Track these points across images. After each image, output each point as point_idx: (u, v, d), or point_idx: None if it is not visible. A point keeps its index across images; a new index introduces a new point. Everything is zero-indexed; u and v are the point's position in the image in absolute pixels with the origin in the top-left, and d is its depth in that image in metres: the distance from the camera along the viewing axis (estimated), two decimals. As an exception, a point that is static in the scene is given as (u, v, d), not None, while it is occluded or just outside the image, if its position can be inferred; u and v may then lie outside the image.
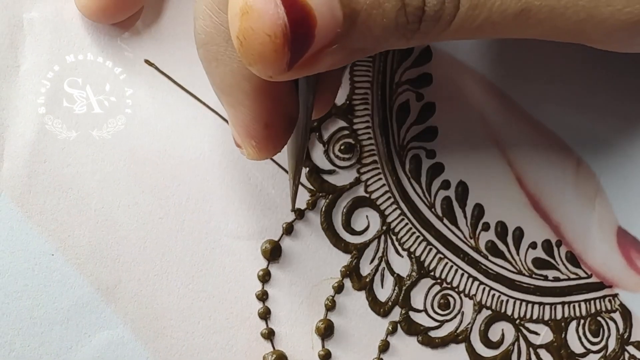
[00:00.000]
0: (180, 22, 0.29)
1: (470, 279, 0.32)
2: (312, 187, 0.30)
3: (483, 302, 0.32)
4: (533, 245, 0.32)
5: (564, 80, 0.32)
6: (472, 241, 0.32)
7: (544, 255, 0.33)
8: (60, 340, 0.27)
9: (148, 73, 0.29)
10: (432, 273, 0.31)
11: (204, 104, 0.29)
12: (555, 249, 0.33)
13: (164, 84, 0.29)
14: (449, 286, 0.32)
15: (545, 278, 0.32)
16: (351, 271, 0.31)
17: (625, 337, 0.33)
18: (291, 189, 0.28)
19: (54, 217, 0.28)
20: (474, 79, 0.32)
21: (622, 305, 0.33)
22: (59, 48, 0.28)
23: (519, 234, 0.32)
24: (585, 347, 0.33)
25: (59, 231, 0.28)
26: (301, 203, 0.30)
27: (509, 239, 0.32)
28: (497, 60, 0.32)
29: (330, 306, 0.30)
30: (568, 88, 0.32)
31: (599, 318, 0.33)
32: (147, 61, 0.29)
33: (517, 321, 0.32)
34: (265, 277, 0.30)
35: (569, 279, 0.33)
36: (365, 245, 0.31)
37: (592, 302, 0.33)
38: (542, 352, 0.32)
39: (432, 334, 0.31)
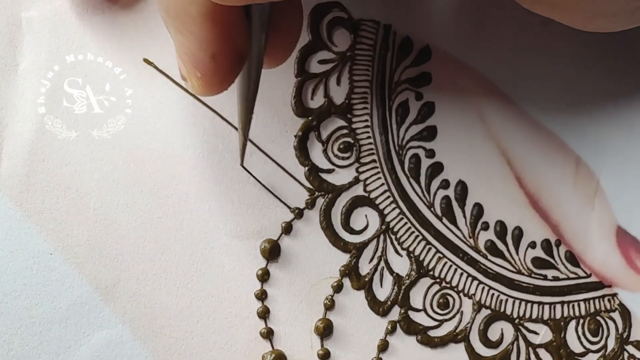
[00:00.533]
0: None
1: (470, 279, 0.32)
2: (311, 187, 0.30)
3: (482, 302, 0.32)
4: (532, 245, 0.32)
5: (564, 79, 0.32)
6: (471, 240, 0.32)
7: (543, 255, 0.32)
8: (58, 340, 0.27)
9: (148, 73, 0.29)
10: (431, 272, 0.31)
11: (204, 103, 0.29)
12: (554, 248, 0.33)
13: (164, 83, 0.29)
14: (448, 285, 0.32)
15: (545, 277, 0.32)
16: (350, 270, 0.31)
17: (624, 336, 0.33)
18: (240, 141, 0.27)
19: (52, 216, 0.28)
20: (474, 78, 0.32)
21: (621, 304, 0.33)
22: (57, 47, 0.28)
23: (518, 233, 0.32)
24: (584, 347, 0.32)
25: (57, 230, 0.28)
26: (300, 202, 0.30)
27: (509, 239, 0.32)
28: (496, 59, 0.32)
29: (330, 305, 0.30)
30: (567, 87, 0.32)
31: (598, 317, 0.33)
32: (145, 60, 0.29)
33: (517, 321, 0.32)
34: (264, 276, 0.30)
35: (568, 278, 0.33)
36: (365, 244, 0.31)
37: (592, 301, 0.33)
38: (542, 352, 0.32)
39: (432, 333, 0.31)
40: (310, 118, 0.30)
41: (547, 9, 0.25)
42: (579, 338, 0.32)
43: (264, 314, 0.29)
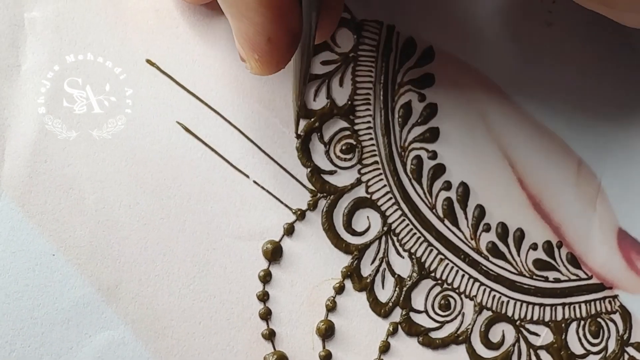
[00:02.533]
0: (181, 22, 0.29)
1: (471, 280, 0.32)
2: (313, 188, 0.30)
3: (484, 303, 0.32)
4: (534, 247, 0.32)
5: (567, 82, 0.32)
6: (473, 242, 0.32)
7: (544, 257, 0.33)
8: (60, 341, 0.27)
9: (148, 73, 0.29)
10: (432, 274, 0.31)
11: (206, 104, 0.29)
12: (556, 250, 0.33)
13: (166, 84, 0.29)
14: (449, 287, 0.32)
15: (546, 279, 0.32)
16: (352, 272, 0.31)
17: (625, 338, 0.33)
18: (294, 111, 0.28)
19: (54, 217, 0.28)
20: (477, 79, 0.32)
21: (622, 306, 0.33)
22: (60, 47, 0.28)
23: (519, 235, 0.32)
24: (585, 349, 0.33)
25: (60, 231, 0.28)
26: (302, 204, 0.30)
27: (510, 240, 0.32)
28: (499, 61, 0.32)
29: (331, 307, 0.30)
30: (570, 90, 0.32)
31: (599, 319, 0.33)
32: (148, 61, 0.29)
33: (518, 322, 0.32)
34: (266, 277, 0.30)
35: (570, 280, 0.33)
36: (366, 246, 0.31)
37: (592, 303, 0.33)
38: (543, 354, 0.32)
39: (433, 335, 0.31)
40: (312, 119, 0.30)
41: (595, 3, 0.26)
42: (579, 340, 0.32)
43: (266, 315, 0.29)
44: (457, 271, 0.32)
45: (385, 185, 0.31)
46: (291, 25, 0.24)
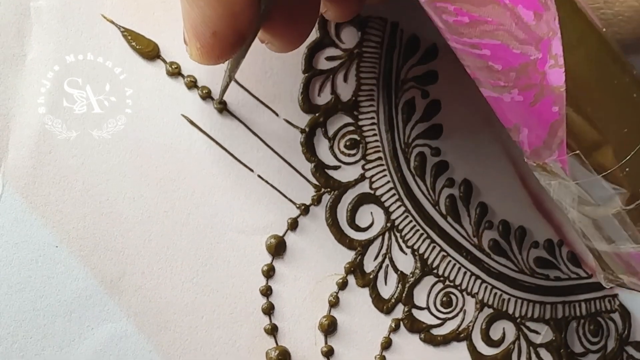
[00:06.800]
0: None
1: (473, 277, 0.32)
2: (317, 183, 0.30)
3: (485, 301, 0.32)
4: (535, 245, 0.33)
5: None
6: (475, 239, 0.32)
7: (545, 255, 0.33)
8: (63, 333, 0.27)
9: (148, 73, 0.29)
10: (435, 271, 0.31)
11: (211, 97, 0.29)
12: (557, 248, 0.33)
13: (171, 79, 0.29)
14: (451, 284, 0.32)
15: (547, 277, 0.33)
16: (355, 268, 0.31)
17: (624, 337, 0.33)
18: (224, 80, 0.28)
19: (58, 209, 0.27)
20: (480, 77, 0.32)
21: (621, 305, 0.33)
22: (66, 37, 0.28)
23: (521, 233, 0.32)
24: (584, 347, 0.33)
25: (63, 223, 0.27)
26: (306, 198, 0.30)
27: (512, 238, 0.32)
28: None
29: (334, 302, 0.30)
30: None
31: (598, 318, 0.33)
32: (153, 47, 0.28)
33: (518, 320, 0.32)
34: (269, 272, 0.29)
35: (570, 278, 0.33)
36: (370, 241, 0.31)
37: (592, 302, 0.33)
38: (542, 351, 0.32)
39: (435, 331, 0.31)
40: (317, 114, 0.30)
41: None
42: (579, 338, 0.33)
43: (269, 310, 0.29)
44: (459, 268, 0.32)
45: (389, 182, 0.31)
46: (240, 25, 0.23)
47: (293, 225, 0.30)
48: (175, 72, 0.29)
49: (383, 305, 0.31)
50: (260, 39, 0.26)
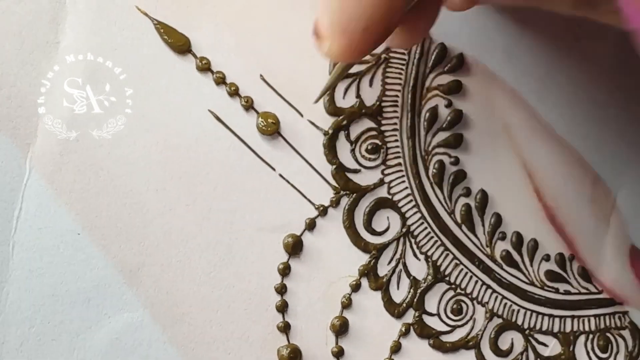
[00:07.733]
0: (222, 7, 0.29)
1: (484, 287, 0.32)
2: (336, 185, 0.31)
3: (495, 310, 0.32)
4: (546, 258, 0.33)
5: (591, 97, 0.33)
6: (488, 249, 0.32)
7: (556, 268, 0.33)
8: (80, 320, 0.28)
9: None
10: (447, 278, 0.32)
11: (239, 95, 0.29)
12: (568, 262, 0.33)
13: (197, 78, 0.29)
14: (462, 292, 0.32)
15: (557, 291, 0.33)
16: (369, 271, 0.31)
17: (634, 354, 0.33)
18: (326, 85, 0.27)
19: (82, 197, 0.28)
20: (503, 89, 0.32)
21: (632, 322, 0.33)
22: (100, 27, 0.28)
23: (533, 245, 0.33)
24: (592, 362, 0.33)
25: (86, 211, 0.28)
26: (325, 200, 0.30)
27: (524, 250, 0.33)
28: (527, 73, 0.32)
29: (347, 304, 0.30)
30: (594, 106, 0.33)
31: (608, 334, 0.33)
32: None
33: (527, 331, 0.32)
34: (285, 270, 0.30)
35: (580, 293, 0.33)
36: (385, 246, 0.31)
37: (602, 317, 0.33)
38: (549, 364, 0.33)
39: (444, 338, 0.31)
40: (341, 117, 0.31)
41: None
42: (587, 353, 0.33)
43: (283, 308, 0.30)
44: (471, 277, 0.32)
45: (406, 187, 0.31)
46: (393, 21, 0.22)
47: (311, 225, 0.30)
48: (205, 67, 0.29)
49: (394, 309, 0.31)
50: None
